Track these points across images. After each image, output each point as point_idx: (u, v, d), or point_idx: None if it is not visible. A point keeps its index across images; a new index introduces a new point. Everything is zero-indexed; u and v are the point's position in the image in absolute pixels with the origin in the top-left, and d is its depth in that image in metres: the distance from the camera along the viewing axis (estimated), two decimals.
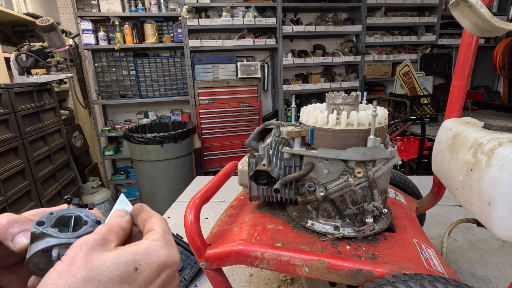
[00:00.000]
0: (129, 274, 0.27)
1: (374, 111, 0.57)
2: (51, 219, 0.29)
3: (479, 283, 0.90)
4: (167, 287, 0.30)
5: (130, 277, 0.27)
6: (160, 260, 0.29)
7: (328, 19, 3.60)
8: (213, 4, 3.31)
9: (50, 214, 0.30)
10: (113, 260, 0.27)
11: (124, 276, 0.26)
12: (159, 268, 0.29)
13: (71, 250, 0.26)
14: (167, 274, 0.30)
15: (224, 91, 3.42)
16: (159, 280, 0.29)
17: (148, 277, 0.28)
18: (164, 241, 0.31)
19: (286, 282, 0.95)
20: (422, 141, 2.46)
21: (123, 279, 0.26)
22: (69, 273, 0.25)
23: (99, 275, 0.25)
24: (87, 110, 3.52)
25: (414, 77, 3.38)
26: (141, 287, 0.27)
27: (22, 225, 0.31)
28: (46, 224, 0.29)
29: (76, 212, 0.32)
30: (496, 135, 0.60)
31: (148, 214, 0.34)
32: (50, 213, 0.30)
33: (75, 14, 3.07)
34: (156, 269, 0.29)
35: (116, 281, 0.26)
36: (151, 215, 0.34)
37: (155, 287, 0.29)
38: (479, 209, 0.60)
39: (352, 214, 0.65)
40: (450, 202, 1.42)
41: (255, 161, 0.71)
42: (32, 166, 2.02)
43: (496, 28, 0.53)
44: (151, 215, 0.34)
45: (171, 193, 2.91)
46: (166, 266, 0.29)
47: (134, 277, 0.27)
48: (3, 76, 2.15)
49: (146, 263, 0.28)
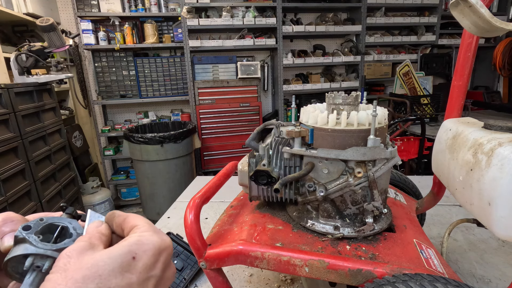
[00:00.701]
0: (128, 264, 0.27)
1: (374, 111, 0.57)
2: (38, 225, 0.29)
3: (479, 283, 0.90)
4: (167, 271, 0.32)
5: (130, 266, 0.27)
6: (155, 246, 0.30)
7: (328, 19, 3.60)
8: (213, 4, 3.31)
9: (40, 220, 0.30)
10: (109, 254, 0.27)
11: (124, 266, 0.27)
12: (156, 253, 0.30)
13: (60, 260, 0.26)
14: (165, 258, 0.31)
15: (224, 91, 3.42)
16: (159, 264, 0.30)
17: (147, 263, 0.29)
18: (152, 230, 0.31)
19: (286, 282, 0.95)
20: (422, 141, 2.46)
21: (124, 269, 0.27)
22: (66, 278, 0.24)
23: (98, 271, 0.25)
24: (87, 110, 3.52)
25: (414, 77, 3.38)
26: (143, 273, 0.28)
27: (15, 224, 0.31)
28: (32, 229, 0.28)
29: (66, 222, 0.31)
30: (496, 135, 0.60)
31: (122, 216, 0.34)
32: (40, 219, 0.30)
33: (75, 14, 3.07)
34: (154, 254, 0.29)
35: (117, 272, 0.26)
36: (126, 216, 0.34)
37: (157, 271, 0.30)
38: (479, 209, 0.60)
39: (352, 214, 0.65)
40: (450, 202, 1.42)
41: (255, 161, 0.71)
42: (32, 166, 2.02)
43: (496, 28, 0.53)
44: (126, 216, 0.34)
45: (171, 193, 2.91)
46: (162, 250, 0.30)
47: (134, 265, 0.28)
48: (3, 76, 2.15)
49: (142, 251, 0.29)
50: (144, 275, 0.28)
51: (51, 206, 2.21)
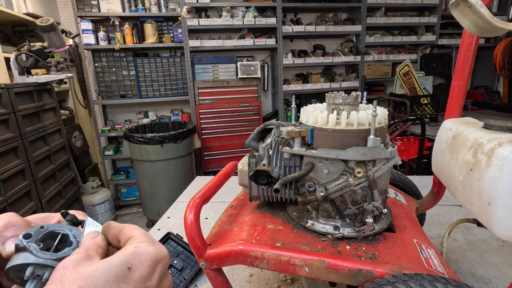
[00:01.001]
0: (124, 274, 0.27)
1: (374, 111, 0.57)
2: (39, 233, 0.29)
3: (479, 283, 0.90)
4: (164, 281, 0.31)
5: (126, 276, 0.27)
6: (151, 257, 0.30)
7: (328, 19, 3.60)
8: (213, 4, 3.31)
9: (41, 227, 0.30)
10: (105, 265, 0.27)
11: (119, 277, 0.27)
12: (152, 264, 0.30)
13: (57, 272, 0.26)
14: (161, 269, 0.31)
15: (224, 91, 3.42)
16: (155, 275, 0.30)
17: (143, 274, 0.29)
18: (148, 240, 0.31)
19: (286, 282, 0.95)
20: (422, 141, 2.46)
21: (120, 279, 0.27)
22: None
23: (94, 282, 0.25)
24: (87, 110, 3.52)
25: (414, 77, 3.38)
26: (139, 283, 0.28)
27: (17, 230, 0.31)
28: (33, 237, 0.29)
29: (66, 230, 0.31)
30: (496, 135, 0.60)
31: (118, 227, 0.34)
32: (41, 227, 0.30)
33: (75, 14, 3.07)
34: (150, 265, 0.29)
35: (113, 282, 0.26)
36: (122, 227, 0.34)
37: (154, 282, 0.29)
38: (479, 209, 0.60)
39: (352, 214, 0.65)
40: (450, 202, 1.42)
41: (255, 161, 0.71)
42: (32, 166, 2.02)
43: (496, 28, 0.53)
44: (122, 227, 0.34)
45: (171, 193, 2.91)
46: (158, 261, 0.30)
47: (130, 275, 0.28)
48: (3, 76, 2.15)
49: (138, 262, 0.29)
50: (140, 286, 0.28)
51: (51, 206, 2.21)
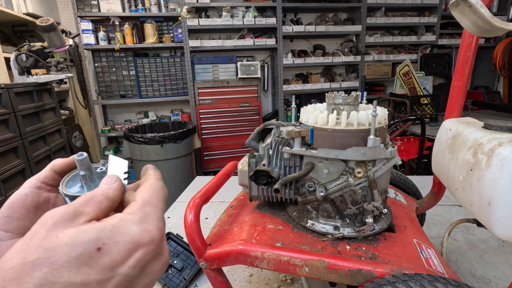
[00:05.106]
0: (89, 256, 0.22)
1: (374, 111, 0.57)
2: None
3: (479, 283, 0.90)
4: (146, 270, 0.26)
5: (91, 259, 0.22)
6: (130, 239, 0.24)
7: (328, 19, 3.60)
8: (213, 4, 3.31)
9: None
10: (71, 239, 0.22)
11: (83, 258, 0.22)
12: (129, 247, 0.24)
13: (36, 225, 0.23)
14: (142, 254, 0.25)
15: (224, 91, 3.42)
16: (131, 261, 0.24)
17: (115, 258, 0.23)
18: (141, 215, 0.26)
19: (286, 282, 0.95)
20: (422, 141, 2.46)
21: (82, 262, 0.22)
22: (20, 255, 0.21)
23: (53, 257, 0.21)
24: (87, 110, 3.52)
25: (414, 77, 3.38)
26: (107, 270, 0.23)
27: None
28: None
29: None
30: (496, 135, 0.60)
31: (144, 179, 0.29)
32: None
33: (75, 14, 3.07)
34: (126, 249, 0.24)
35: (73, 265, 0.21)
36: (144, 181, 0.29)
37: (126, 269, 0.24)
38: (479, 209, 0.60)
39: (352, 214, 0.65)
40: (450, 202, 1.42)
41: (255, 161, 0.71)
42: (32, 166, 2.02)
43: (496, 28, 0.53)
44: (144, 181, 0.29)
45: (171, 193, 2.90)
46: (139, 245, 0.25)
47: (97, 258, 0.23)
48: (3, 76, 2.15)
49: (113, 242, 0.24)
50: (108, 273, 0.23)
51: None
